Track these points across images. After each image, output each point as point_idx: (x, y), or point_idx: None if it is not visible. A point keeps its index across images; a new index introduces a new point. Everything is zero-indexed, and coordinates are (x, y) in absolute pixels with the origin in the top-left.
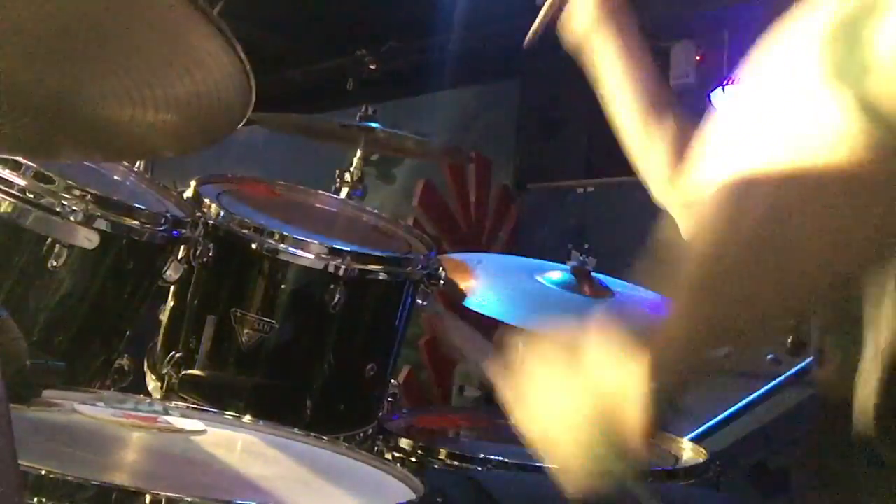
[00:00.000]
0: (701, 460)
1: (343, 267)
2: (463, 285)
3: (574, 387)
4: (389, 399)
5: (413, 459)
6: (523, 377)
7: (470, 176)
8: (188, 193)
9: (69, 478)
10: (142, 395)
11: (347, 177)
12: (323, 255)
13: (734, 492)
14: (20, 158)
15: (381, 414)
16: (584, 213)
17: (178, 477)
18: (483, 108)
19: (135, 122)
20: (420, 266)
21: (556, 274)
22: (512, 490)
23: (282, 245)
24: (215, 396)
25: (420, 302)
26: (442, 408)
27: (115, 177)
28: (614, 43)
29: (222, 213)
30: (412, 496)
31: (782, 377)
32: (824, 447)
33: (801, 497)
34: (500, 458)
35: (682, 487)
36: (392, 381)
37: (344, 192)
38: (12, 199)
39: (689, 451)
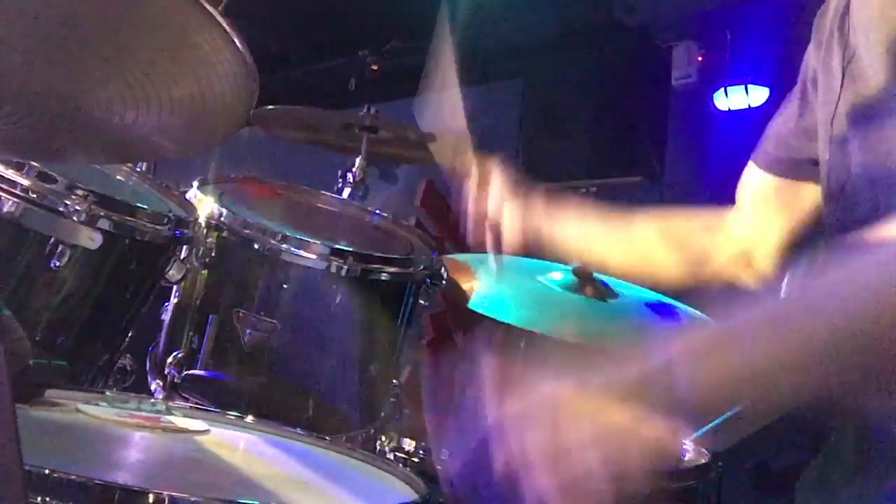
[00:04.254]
0: (703, 461)
1: (345, 267)
2: (465, 286)
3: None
4: (391, 399)
5: (415, 460)
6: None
7: None
8: (190, 193)
9: (73, 477)
10: (144, 395)
11: (350, 177)
12: (325, 256)
13: (736, 492)
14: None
15: (382, 414)
16: None
17: (181, 476)
18: (485, 109)
19: (139, 124)
20: (422, 266)
21: (558, 275)
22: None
23: (284, 245)
24: (217, 396)
25: (422, 302)
26: None
27: (118, 177)
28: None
29: (224, 213)
30: (414, 497)
31: None
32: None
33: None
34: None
35: None
36: (394, 381)
37: (346, 192)
38: (16, 199)
39: (691, 452)
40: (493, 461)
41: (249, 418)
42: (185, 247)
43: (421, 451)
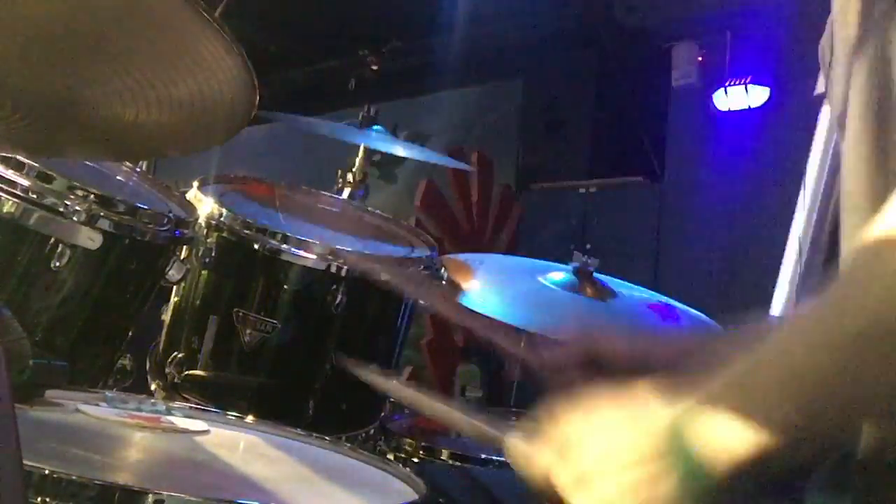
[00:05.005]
0: None
1: (345, 267)
2: (465, 286)
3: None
4: (391, 399)
5: (415, 459)
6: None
7: (472, 176)
8: (190, 194)
9: (72, 477)
10: (144, 395)
11: (349, 177)
12: (325, 256)
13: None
14: (23, 158)
15: (382, 414)
16: (586, 213)
17: (181, 477)
18: (485, 109)
19: (139, 123)
20: (422, 266)
21: (558, 275)
22: (513, 489)
23: (284, 245)
24: (218, 396)
25: (422, 302)
26: None
27: (118, 177)
28: None
29: (224, 213)
30: (414, 496)
31: None
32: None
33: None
34: (502, 459)
35: None
36: (394, 381)
37: (346, 192)
38: (16, 200)
39: None
40: None
41: (249, 418)
42: (185, 247)
43: (421, 451)
